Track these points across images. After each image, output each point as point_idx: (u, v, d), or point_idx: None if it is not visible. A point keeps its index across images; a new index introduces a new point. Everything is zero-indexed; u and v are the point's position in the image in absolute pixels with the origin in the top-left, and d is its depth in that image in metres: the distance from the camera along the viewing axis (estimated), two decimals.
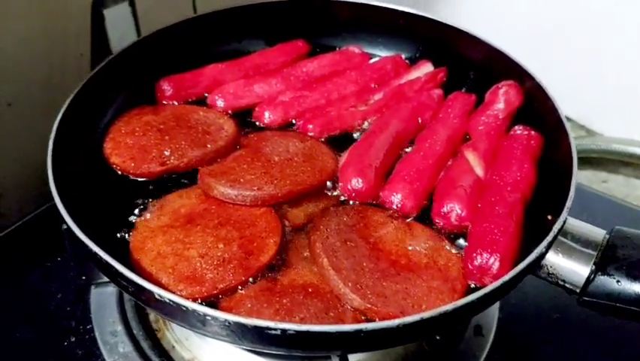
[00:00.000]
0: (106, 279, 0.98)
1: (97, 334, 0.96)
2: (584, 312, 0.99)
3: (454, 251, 0.84)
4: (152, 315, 1.00)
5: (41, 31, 1.12)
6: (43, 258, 1.09)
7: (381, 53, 1.22)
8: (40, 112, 1.13)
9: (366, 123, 1.05)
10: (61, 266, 1.07)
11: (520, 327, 1.03)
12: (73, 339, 0.97)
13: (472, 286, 0.80)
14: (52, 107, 0.95)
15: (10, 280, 1.06)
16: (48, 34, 1.14)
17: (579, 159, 1.43)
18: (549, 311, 1.03)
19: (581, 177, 1.43)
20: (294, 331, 0.65)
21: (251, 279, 0.79)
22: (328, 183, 0.93)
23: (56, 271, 1.07)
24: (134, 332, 0.96)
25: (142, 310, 1.00)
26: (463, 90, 1.12)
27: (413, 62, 1.19)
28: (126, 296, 1.00)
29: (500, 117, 1.02)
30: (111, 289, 1.01)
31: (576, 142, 1.41)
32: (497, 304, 1.02)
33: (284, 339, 0.66)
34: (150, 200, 0.91)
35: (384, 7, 1.18)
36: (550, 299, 1.04)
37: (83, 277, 0.99)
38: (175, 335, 0.97)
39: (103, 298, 1.00)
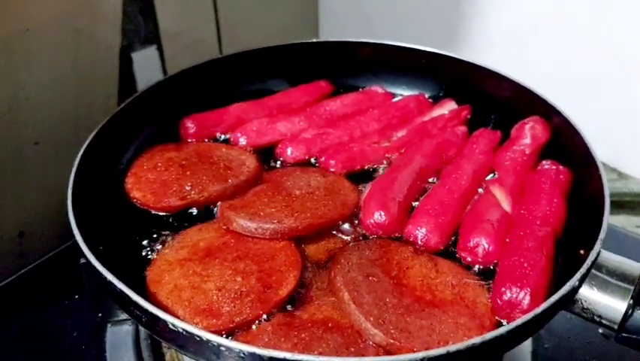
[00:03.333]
0: (122, 317, 0.97)
1: None
2: (622, 356, 0.94)
3: (481, 287, 0.81)
4: (168, 355, 0.97)
5: (71, 73, 1.15)
6: (60, 296, 1.07)
7: (404, 93, 1.22)
8: (66, 151, 1.14)
9: (388, 160, 1.03)
10: (79, 304, 1.05)
11: None
12: None
13: (502, 323, 0.76)
14: (78, 146, 0.95)
15: (28, 317, 1.04)
16: (77, 76, 1.16)
17: (611, 203, 1.40)
18: (584, 356, 0.97)
19: (613, 221, 1.39)
20: None
21: (268, 314, 0.77)
22: (351, 219, 0.91)
23: (73, 309, 1.05)
24: None
25: (157, 350, 0.97)
26: (488, 128, 1.10)
27: (436, 100, 1.18)
28: (142, 335, 0.98)
29: (527, 153, 1.00)
30: (127, 328, 0.98)
31: (608, 186, 1.38)
32: (530, 348, 0.97)
33: None
34: (169, 234, 0.90)
35: (407, 47, 1.19)
36: (585, 344, 0.98)
37: (100, 315, 0.97)
38: None
39: (118, 337, 0.98)
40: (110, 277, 0.72)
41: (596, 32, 1.31)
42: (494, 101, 1.12)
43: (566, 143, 0.99)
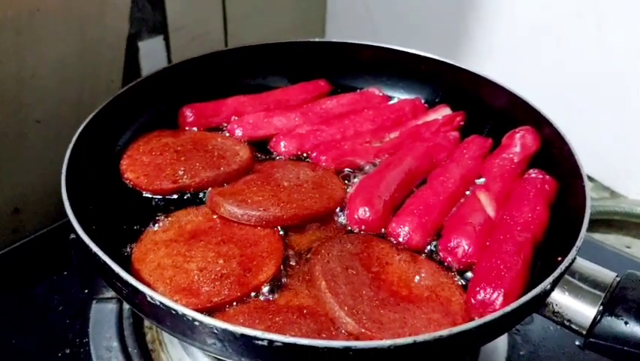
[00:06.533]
0: (107, 295, 0.99)
1: (92, 348, 0.95)
2: None
3: (457, 286, 0.82)
4: (149, 335, 0.98)
5: (77, 56, 1.17)
6: (49, 271, 1.09)
7: (401, 96, 1.23)
8: (67, 132, 1.15)
9: (378, 160, 1.05)
10: (66, 280, 1.08)
11: None
12: (67, 351, 0.96)
13: None
14: (78, 127, 0.97)
15: (16, 291, 1.06)
16: (83, 59, 1.19)
17: (601, 221, 1.41)
18: None
19: (603, 240, 1.40)
20: (282, 343, 0.64)
21: (245, 297, 0.78)
22: (336, 212, 0.93)
23: (61, 284, 1.07)
24: (129, 349, 0.95)
25: (139, 330, 0.98)
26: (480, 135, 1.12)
27: (432, 105, 1.20)
28: (125, 314, 0.99)
29: (515, 161, 1.01)
30: (111, 306, 1.00)
31: (599, 204, 1.39)
32: (504, 354, 0.98)
33: (271, 352, 0.64)
34: (159, 215, 0.91)
35: (407, 52, 1.21)
36: (560, 354, 0.99)
37: (86, 291, 0.99)
38: (170, 357, 0.95)
39: (102, 314, 1.00)
40: (95, 248, 0.74)
41: (596, 48, 1.33)
42: (489, 109, 1.14)
43: (555, 153, 1.00)
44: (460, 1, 1.48)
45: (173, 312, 0.67)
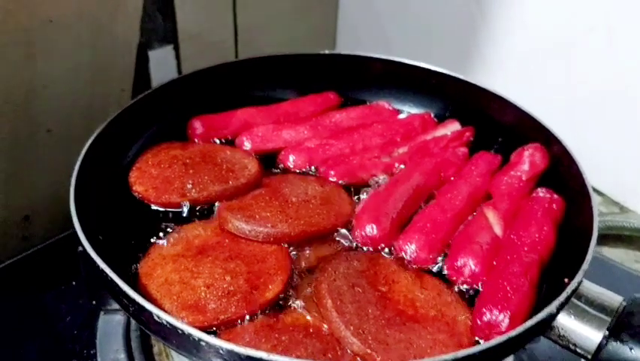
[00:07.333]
0: (115, 306, 0.99)
1: (99, 360, 0.96)
2: None
3: (463, 306, 0.82)
4: (156, 348, 0.99)
5: (88, 65, 1.18)
6: (58, 281, 1.10)
7: (410, 110, 1.24)
8: (77, 141, 1.16)
9: (385, 175, 1.05)
10: (75, 291, 1.08)
11: None
12: None
13: (480, 343, 0.77)
14: (89, 136, 0.98)
15: (25, 298, 1.07)
16: (94, 69, 1.19)
17: (610, 236, 1.40)
18: None
19: (611, 255, 1.39)
20: None
21: (252, 314, 0.79)
22: (343, 229, 0.93)
23: (69, 294, 1.08)
24: None
25: (146, 342, 0.99)
26: (489, 151, 1.12)
27: (442, 120, 1.20)
28: (132, 326, 1.00)
29: (523, 179, 1.01)
30: (119, 318, 1.01)
31: (608, 219, 1.39)
32: None
33: None
34: (167, 229, 0.92)
35: (417, 66, 1.20)
36: None
37: (94, 302, 0.99)
38: None
39: (110, 325, 1.00)
40: (102, 265, 0.74)
41: (607, 63, 1.32)
42: (498, 125, 1.14)
43: (563, 172, 1.00)
44: (472, 16, 1.48)
45: (180, 331, 0.68)
